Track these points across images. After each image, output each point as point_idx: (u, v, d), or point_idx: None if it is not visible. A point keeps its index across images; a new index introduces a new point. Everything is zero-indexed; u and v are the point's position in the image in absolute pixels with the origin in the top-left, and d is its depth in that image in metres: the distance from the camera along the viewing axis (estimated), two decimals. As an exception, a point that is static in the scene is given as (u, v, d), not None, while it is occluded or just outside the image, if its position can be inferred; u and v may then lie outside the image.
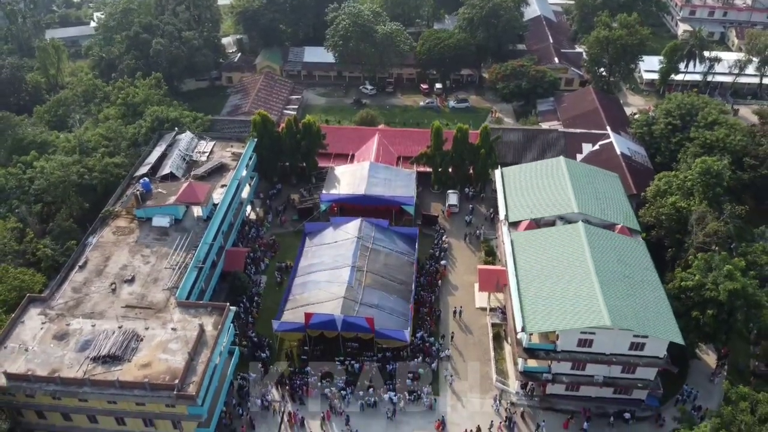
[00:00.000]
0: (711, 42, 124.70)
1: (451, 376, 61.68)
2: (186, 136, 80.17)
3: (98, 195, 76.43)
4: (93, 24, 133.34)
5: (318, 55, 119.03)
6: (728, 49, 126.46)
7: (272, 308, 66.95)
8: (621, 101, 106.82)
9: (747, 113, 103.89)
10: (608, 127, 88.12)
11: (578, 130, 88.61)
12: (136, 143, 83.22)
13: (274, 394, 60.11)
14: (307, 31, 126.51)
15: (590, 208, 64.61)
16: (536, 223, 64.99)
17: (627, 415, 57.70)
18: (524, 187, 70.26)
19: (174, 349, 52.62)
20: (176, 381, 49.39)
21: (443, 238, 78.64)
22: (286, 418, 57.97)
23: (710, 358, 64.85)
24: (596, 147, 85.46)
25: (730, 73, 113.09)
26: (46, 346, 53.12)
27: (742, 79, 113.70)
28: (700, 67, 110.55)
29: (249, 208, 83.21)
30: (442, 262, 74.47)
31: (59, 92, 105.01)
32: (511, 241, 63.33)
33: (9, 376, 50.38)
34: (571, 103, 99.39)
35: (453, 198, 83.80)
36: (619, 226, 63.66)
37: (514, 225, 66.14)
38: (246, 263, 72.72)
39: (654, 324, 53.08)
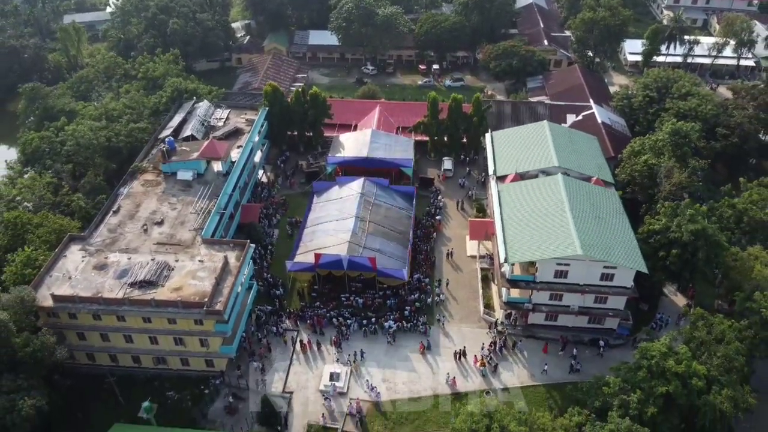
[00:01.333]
0: (694, 28, 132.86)
1: (444, 316, 69.07)
2: (204, 104, 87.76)
3: (123, 157, 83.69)
4: (109, 9, 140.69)
5: (322, 38, 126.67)
6: (710, 35, 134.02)
7: (284, 255, 74.19)
8: (606, 80, 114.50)
9: (724, 91, 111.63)
10: (591, 100, 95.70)
11: (563, 102, 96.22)
12: (157, 111, 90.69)
13: (288, 324, 67.70)
14: (312, 16, 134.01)
15: (569, 163, 72.23)
16: (521, 177, 72.54)
17: (602, 343, 65.16)
18: (511, 146, 77.95)
19: (202, 277, 60.15)
20: (205, 299, 56.89)
21: (438, 198, 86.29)
22: (298, 345, 65.47)
23: (679, 299, 72.39)
24: (579, 117, 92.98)
25: (708, 56, 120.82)
26: (87, 275, 60.57)
27: (720, 61, 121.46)
28: (680, 50, 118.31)
29: (261, 171, 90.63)
30: (437, 218, 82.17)
31: (79, 72, 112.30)
32: (498, 192, 70.94)
33: (56, 298, 57.80)
34: (558, 80, 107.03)
35: (448, 163, 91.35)
36: (594, 178, 71.29)
37: (501, 179, 73.76)
38: (260, 218, 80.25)
39: (621, 255, 60.72)
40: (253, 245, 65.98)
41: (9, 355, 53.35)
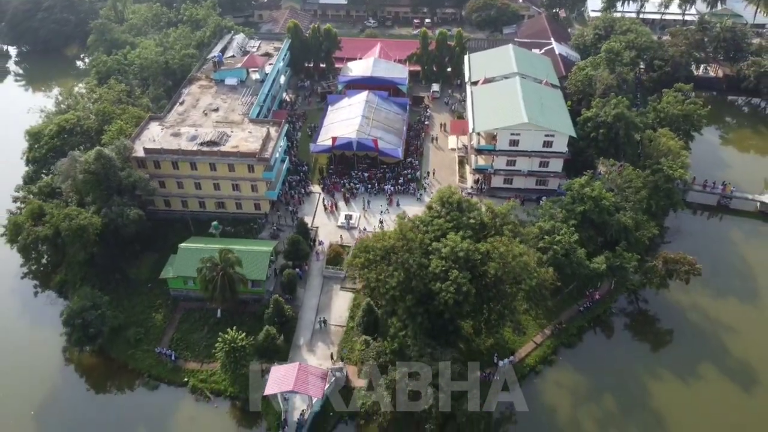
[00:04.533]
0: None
1: (429, 184, 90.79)
2: (240, 36, 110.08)
3: (177, 77, 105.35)
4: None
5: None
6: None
7: (307, 151, 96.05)
8: (570, 31, 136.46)
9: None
10: (552, 39, 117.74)
11: (529, 40, 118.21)
12: (201, 44, 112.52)
13: (313, 188, 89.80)
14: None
15: (525, 70, 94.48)
16: (489, 81, 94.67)
17: (544, 198, 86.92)
18: (483, 62, 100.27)
19: (251, 141, 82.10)
20: (256, 152, 78.88)
21: (427, 111, 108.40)
22: (322, 203, 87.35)
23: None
24: (542, 51, 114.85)
25: (658, 12, 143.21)
26: (167, 139, 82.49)
27: (668, 17, 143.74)
28: (634, 6, 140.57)
29: (284, 94, 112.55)
30: (425, 122, 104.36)
31: (128, 21, 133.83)
32: (472, 91, 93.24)
33: (146, 150, 79.73)
34: (528, 27, 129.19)
35: (435, 87, 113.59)
36: (544, 81, 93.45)
37: (474, 84, 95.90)
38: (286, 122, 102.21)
39: (557, 125, 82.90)
40: (286, 125, 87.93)
41: (117, 182, 75.10)
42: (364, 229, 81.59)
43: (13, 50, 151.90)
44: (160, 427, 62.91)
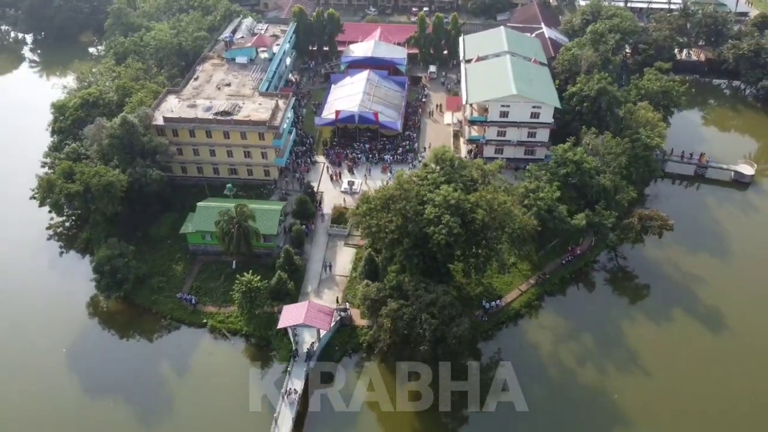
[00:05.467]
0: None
1: (424, 156, 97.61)
2: (248, 19, 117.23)
3: (189, 58, 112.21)
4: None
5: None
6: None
7: (311, 124, 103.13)
8: (560, 17, 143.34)
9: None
10: (543, 24, 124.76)
11: (521, 25, 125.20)
12: (212, 28, 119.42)
13: (318, 158, 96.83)
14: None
15: (515, 49, 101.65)
16: (482, 59, 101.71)
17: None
18: (476, 42, 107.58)
19: (262, 111, 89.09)
20: (266, 120, 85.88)
21: (425, 91, 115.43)
22: (326, 172, 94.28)
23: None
24: (533, 35, 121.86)
25: (644, 1, 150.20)
26: (183, 109, 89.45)
27: (655, 5, 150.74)
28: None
29: (290, 74, 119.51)
30: (423, 100, 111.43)
31: (140, 9, 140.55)
32: (466, 68, 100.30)
33: (165, 119, 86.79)
34: (521, 13, 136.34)
35: (432, 68, 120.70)
36: (533, 59, 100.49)
37: (468, 61, 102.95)
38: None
39: (544, 97, 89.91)
40: (293, 98, 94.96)
41: (139, 147, 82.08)
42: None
43: (29, 38, 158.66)
44: (182, 361, 69.79)
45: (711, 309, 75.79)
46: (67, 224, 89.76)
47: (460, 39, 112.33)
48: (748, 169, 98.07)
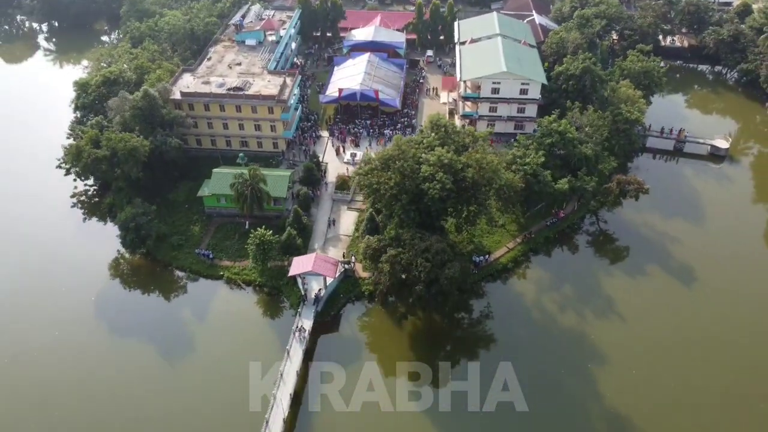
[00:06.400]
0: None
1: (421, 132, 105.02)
2: (256, 6, 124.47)
3: (201, 42, 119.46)
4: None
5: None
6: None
7: (316, 103, 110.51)
8: (551, 6, 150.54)
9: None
10: (534, 12, 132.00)
11: (513, 12, 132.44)
12: (222, 15, 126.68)
13: (322, 134, 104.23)
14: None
15: (506, 32, 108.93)
16: (475, 41, 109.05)
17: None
18: (470, 26, 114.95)
19: (271, 87, 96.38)
20: (275, 95, 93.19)
21: (423, 73, 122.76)
22: (331, 145, 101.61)
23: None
24: (524, 21, 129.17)
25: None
26: (198, 86, 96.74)
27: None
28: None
29: (295, 58, 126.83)
30: (421, 81, 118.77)
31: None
32: (460, 50, 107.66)
33: (182, 93, 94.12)
34: (513, 2, 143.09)
35: (429, 52, 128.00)
36: (523, 41, 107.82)
37: (462, 44, 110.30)
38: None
39: (532, 74, 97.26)
40: (300, 76, 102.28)
41: (159, 118, 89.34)
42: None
43: (43, 27, 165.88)
44: (201, 308, 77.19)
45: (683, 264, 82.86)
46: (89, 192, 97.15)
47: (455, 24, 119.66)
48: (723, 144, 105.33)
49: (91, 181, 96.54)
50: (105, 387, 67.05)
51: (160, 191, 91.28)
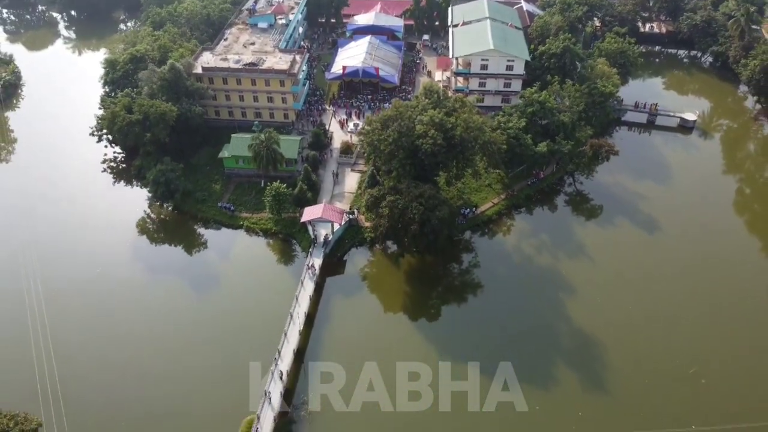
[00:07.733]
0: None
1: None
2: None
3: (215, 27, 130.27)
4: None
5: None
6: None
7: (322, 81, 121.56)
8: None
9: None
10: (522, 1, 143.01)
11: (503, 0, 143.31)
12: (236, 1, 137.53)
13: (327, 108, 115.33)
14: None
15: (495, 16, 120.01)
16: (466, 24, 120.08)
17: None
18: (462, 11, 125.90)
19: (282, 63, 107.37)
20: (286, 69, 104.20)
21: (420, 55, 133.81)
22: (335, 118, 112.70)
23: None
24: (513, 9, 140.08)
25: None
26: (217, 62, 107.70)
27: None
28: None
29: (302, 42, 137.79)
30: (418, 62, 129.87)
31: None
32: (452, 31, 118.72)
33: (204, 68, 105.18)
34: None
35: (426, 36, 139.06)
36: (510, 23, 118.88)
37: (455, 26, 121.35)
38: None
39: (516, 52, 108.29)
40: (307, 54, 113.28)
41: (184, 89, 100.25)
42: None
43: (62, 16, 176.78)
44: (224, 252, 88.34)
45: (649, 217, 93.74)
46: (117, 158, 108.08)
47: (449, 9, 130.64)
48: (691, 116, 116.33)
49: (118, 149, 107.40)
50: (142, 313, 78.34)
51: (184, 156, 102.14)
